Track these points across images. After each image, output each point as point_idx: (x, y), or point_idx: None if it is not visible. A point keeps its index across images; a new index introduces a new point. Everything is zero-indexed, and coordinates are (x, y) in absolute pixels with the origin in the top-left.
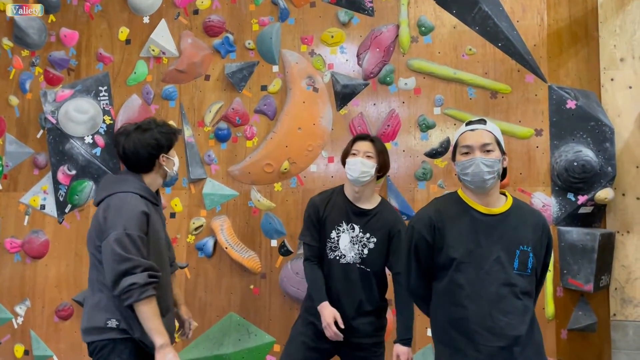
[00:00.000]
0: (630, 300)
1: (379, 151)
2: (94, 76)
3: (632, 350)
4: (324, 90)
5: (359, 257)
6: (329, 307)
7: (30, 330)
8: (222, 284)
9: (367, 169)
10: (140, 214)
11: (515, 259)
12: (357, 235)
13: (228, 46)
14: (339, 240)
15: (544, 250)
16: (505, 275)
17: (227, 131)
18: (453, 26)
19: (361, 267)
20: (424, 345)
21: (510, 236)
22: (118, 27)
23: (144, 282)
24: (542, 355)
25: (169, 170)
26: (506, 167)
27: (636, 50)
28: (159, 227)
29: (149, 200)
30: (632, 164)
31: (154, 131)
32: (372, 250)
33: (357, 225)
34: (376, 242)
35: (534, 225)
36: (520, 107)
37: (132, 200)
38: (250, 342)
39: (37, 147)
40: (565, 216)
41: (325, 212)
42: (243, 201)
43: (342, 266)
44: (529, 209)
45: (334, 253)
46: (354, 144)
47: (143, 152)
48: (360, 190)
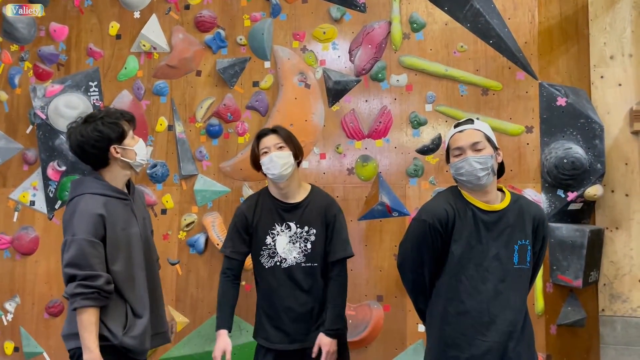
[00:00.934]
0: (618, 296)
1: (287, 137)
2: (84, 71)
3: (620, 345)
4: (315, 87)
5: (302, 256)
6: (224, 338)
7: (20, 327)
8: (214, 280)
9: (285, 160)
10: (93, 217)
11: (514, 253)
12: (296, 232)
13: (219, 42)
14: (276, 245)
15: (539, 243)
16: (503, 272)
17: (219, 127)
18: (445, 23)
19: (306, 266)
20: (415, 341)
21: (510, 232)
22: (108, 22)
23: (71, 292)
24: (532, 349)
25: (129, 161)
26: (502, 162)
27: (626, 47)
28: (127, 225)
29: (113, 197)
30: (621, 161)
31: (97, 123)
32: (315, 243)
33: (292, 221)
34: (316, 233)
35: (531, 219)
36: (511, 104)
37: (85, 203)
38: (242, 338)
39: (27, 142)
40: (555, 213)
41: (254, 218)
42: (235, 197)
43: (284, 271)
44: (526, 201)
45: (272, 260)
46: (259, 143)
47: (88, 147)
48: (286, 185)
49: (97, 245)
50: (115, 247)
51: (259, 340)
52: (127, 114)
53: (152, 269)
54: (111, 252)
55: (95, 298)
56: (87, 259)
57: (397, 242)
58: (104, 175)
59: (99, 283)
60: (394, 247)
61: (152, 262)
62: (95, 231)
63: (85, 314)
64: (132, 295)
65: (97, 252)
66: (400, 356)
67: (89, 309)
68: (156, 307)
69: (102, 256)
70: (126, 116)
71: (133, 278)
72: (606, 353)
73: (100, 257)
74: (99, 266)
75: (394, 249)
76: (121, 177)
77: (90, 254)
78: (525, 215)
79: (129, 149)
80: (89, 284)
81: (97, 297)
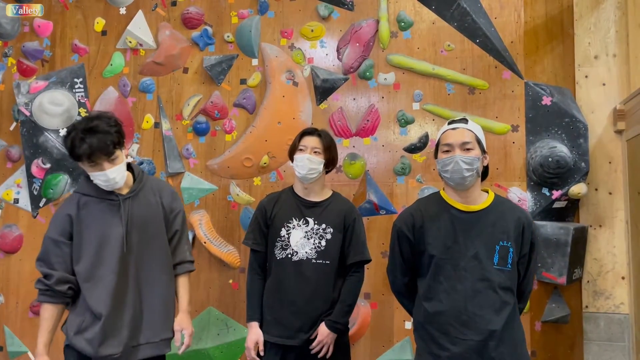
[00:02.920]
0: (601, 293)
1: (327, 147)
2: (69, 67)
3: (603, 341)
4: (303, 85)
5: (314, 252)
6: (255, 329)
7: (4, 326)
8: (201, 278)
9: (315, 165)
10: (62, 217)
11: (495, 254)
12: (313, 228)
13: (207, 39)
14: (290, 237)
15: (527, 246)
16: (482, 271)
17: (206, 125)
18: (432, 22)
19: (318, 262)
20: (402, 338)
21: (490, 232)
22: (94, 18)
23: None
24: (520, 353)
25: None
26: (487, 165)
27: (610, 47)
28: (105, 225)
29: (97, 197)
30: (604, 159)
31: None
32: (330, 242)
33: (311, 217)
34: (333, 232)
35: (515, 221)
36: (497, 103)
37: (65, 202)
38: (229, 336)
39: (10, 139)
40: (540, 211)
41: (273, 211)
42: (222, 195)
43: (294, 264)
44: (510, 205)
45: (284, 252)
46: (301, 139)
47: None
48: (310, 187)
49: (61, 244)
50: (79, 246)
51: (264, 335)
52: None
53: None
54: (76, 251)
55: (49, 295)
56: (49, 257)
57: (384, 240)
58: None
59: (50, 282)
60: (382, 245)
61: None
62: (62, 230)
63: (41, 308)
64: (91, 296)
65: (60, 251)
66: (387, 353)
67: (44, 305)
68: (135, 314)
69: (65, 255)
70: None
71: (98, 279)
72: (589, 349)
73: (63, 256)
74: (58, 265)
75: (382, 247)
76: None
77: (52, 253)
78: (509, 217)
79: None
80: (44, 281)
81: (50, 295)
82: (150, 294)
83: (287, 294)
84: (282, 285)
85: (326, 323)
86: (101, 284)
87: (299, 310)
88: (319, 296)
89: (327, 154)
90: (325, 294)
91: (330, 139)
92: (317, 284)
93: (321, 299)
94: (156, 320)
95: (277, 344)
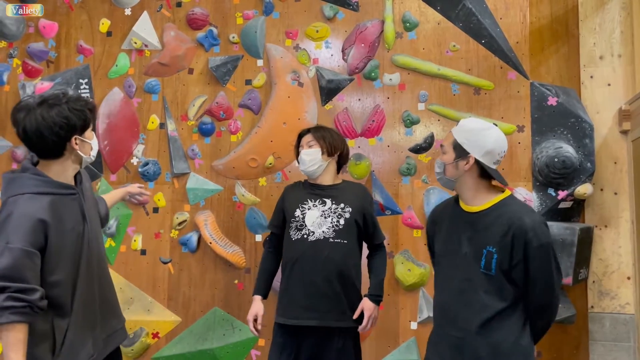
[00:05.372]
0: (607, 293)
1: (320, 136)
2: (74, 68)
3: (608, 341)
4: (308, 85)
5: (332, 231)
6: (258, 303)
7: None
8: (206, 279)
9: (310, 156)
10: (33, 223)
11: (482, 257)
12: (330, 207)
13: (212, 39)
14: (305, 218)
15: (518, 256)
16: (468, 271)
17: (211, 125)
18: (437, 22)
19: (335, 242)
20: (408, 339)
21: (480, 235)
22: (99, 19)
23: (1, 305)
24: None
25: (84, 156)
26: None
27: (615, 48)
28: (76, 223)
29: (60, 194)
30: (610, 159)
31: (63, 107)
32: (348, 221)
33: (328, 198)
34: (352, 212)
35: (503, 229)
36: (502, 103)
37: (23, 206)
38: (235, 336)
39: (16, 140)
40: (546, 211)
41: (290, 194)
42: (227, 196)
43: (311, 244)
44: (513, 210)
45: (300, 232)
46: (298, 142)
47: (47, 133)
48: (320, 179)
49: (34, 256)
50: (58, 255)
51: (276, 319)
52: (90, 103)
53: (101, 265)
54: (52, 261)
55: (26, 313)
56: (20, 271)
57: (390, 240)
58: (51, 167)
59: (33, 297)
60: (387, 245)
61: (101, 257)
62: (35, 240)
63: (13, 330)
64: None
65: (32, 263)
66: (393, 353)
67: (18, 325)
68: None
69: (37, 268)
70: (89, 105)
71: (75, 288)
72: (595, 349)
73: (35, 270)
74: (33, 280)
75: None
76: (70, 171)
77: (24, 266)
78: (501, 223)
79: (87, 142)
80: (21, 297)
81: (28, 312)
82: (108, 284)
83: (304, 273)
84: (299, 264)
85: (370, 297)
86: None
87: (317, 292)
88: (338, 277)
89: (322, 142)
90: (342, 274)
91: (323, 130)
92: (335, 263)
93: (338, 279)
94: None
95: (294, 325)
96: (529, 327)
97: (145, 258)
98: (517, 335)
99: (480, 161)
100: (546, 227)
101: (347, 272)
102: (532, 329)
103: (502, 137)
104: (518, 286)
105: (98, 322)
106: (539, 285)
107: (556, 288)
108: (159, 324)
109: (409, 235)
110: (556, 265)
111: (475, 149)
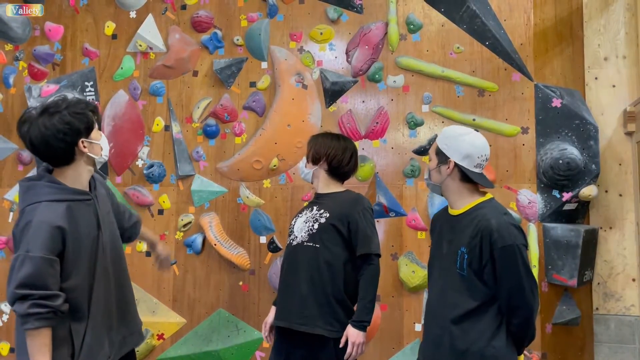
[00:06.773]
0: (612, 295)
1: (308, 145)
2: (80, 71)
3: (613, 343)
4: (312, 87)
5: (307, 235)
6: (271, 312)
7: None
8: (211, 280)
9: (302, 165)
10: (51, 231)
11: (457, 258)
12: (314, 213)
13: (216, 42)
14: (295, 224)
15: (486, 259)
16: (448, 272)
17: (216, 127)
18: (441, 24)
19: (308, 245)
20: (412, 341)
21: (457, 237)
22: (104, 22)
23: (24, 312)
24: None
25: (95, 157)
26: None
27: (620, 49)
28: (92, 228)
29: (76, 200)
30: (614, 161)
31: (64, 113)
32: (322, 225)
33: (316, 205)
34: (328, 217)
35: (475, 229)
36: (507, 105)
37: (40, 214)
38: (240, 338)
39: (22, 143)
40: (551, 213)
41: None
42: (232, 198)
43: (292, 248)
44: (485, 212)
45: (289, 238)
46: None
47: (54, 141)
48: (316, 187)
49: (54, 262)
50: (75, 260)
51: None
52: (91, 104)
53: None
54: (69, 266)
55: (50, 318)
56: (42, 278)
57: (394, 242)
58: (66, 174)
59: (56, 303)
60: (391, 247)
61: (117, 261)
62: (53, 247)
63: (39, 336)
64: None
65: (53, 270)
66: (397, 355)
67: (43, 330)
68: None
69: (57, 275)
70: (90, 106)
71: (92, 292)
72: (600, 351)
73: (55, 277)
74: (54, 286)
75: (391, 249)
76: (85, 174)
77: (46, 273)
78: (473, 224)
79: (96, 143)
80: (45, 303)
81: (52, 318)
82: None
83: (285, 276)
84: (283, 269)
85: (352, 324)
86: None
87: (292, 294)
88: (308, 281)
89: (307, 151)
90: (312, 278)
91: (316, 137)
92: (305, 267)
93: (307, 282)
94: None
95: (279, 327)
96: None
97: (151, 259)
98: (490, 336)
99: (460, 165)
100: (516, 229)
101: (318, 277)
102: (509, 329)
103: (481, 141)
104: (489, 286)
105: (115, 324)
106: (505, 286)
107: (526, 289)
108: (164, 326)
109: (413, 237)
110: (525, 267)
111: (454, 154)
